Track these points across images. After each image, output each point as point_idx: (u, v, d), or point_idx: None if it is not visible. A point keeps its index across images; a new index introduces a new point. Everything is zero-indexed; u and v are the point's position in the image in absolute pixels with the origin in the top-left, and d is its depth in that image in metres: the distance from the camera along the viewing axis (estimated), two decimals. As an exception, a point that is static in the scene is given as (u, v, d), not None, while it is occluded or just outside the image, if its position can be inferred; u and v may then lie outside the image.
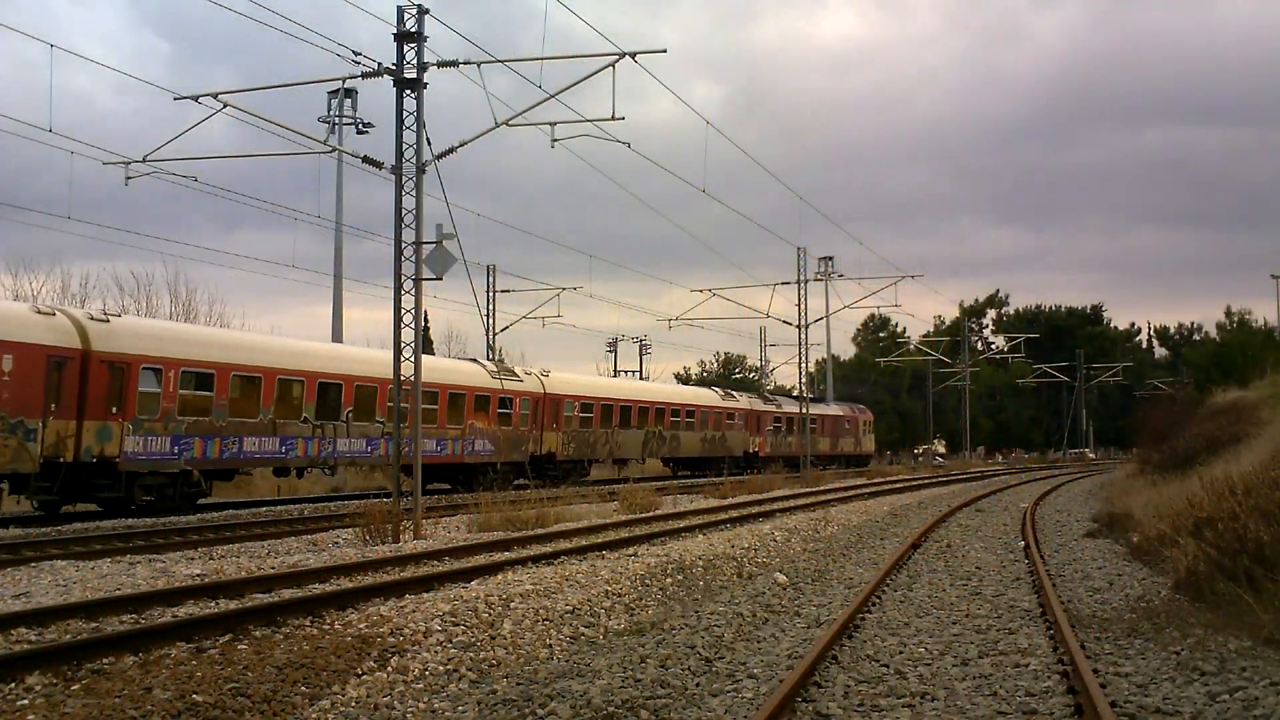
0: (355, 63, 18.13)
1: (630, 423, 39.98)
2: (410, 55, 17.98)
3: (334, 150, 24.52)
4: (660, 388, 47.93)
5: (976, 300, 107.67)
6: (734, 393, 51.51)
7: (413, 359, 18.27)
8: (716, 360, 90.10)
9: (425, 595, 10.55)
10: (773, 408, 53.30)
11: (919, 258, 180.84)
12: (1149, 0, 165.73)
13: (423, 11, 18.00)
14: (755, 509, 23.20)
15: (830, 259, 61.00)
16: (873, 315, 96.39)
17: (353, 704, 7.05)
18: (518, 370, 35.38)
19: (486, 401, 31.94)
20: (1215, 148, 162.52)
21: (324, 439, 25.93)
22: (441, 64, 18.17)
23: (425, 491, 28.07)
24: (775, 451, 51.61)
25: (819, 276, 57.85)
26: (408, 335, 18.38)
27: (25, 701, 6.57)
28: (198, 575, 12.18)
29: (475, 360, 34.58)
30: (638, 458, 41.31)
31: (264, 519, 20.96)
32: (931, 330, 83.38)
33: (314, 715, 6.86)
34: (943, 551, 16.25)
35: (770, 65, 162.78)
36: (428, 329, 51.88)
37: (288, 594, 10.64)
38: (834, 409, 62.19)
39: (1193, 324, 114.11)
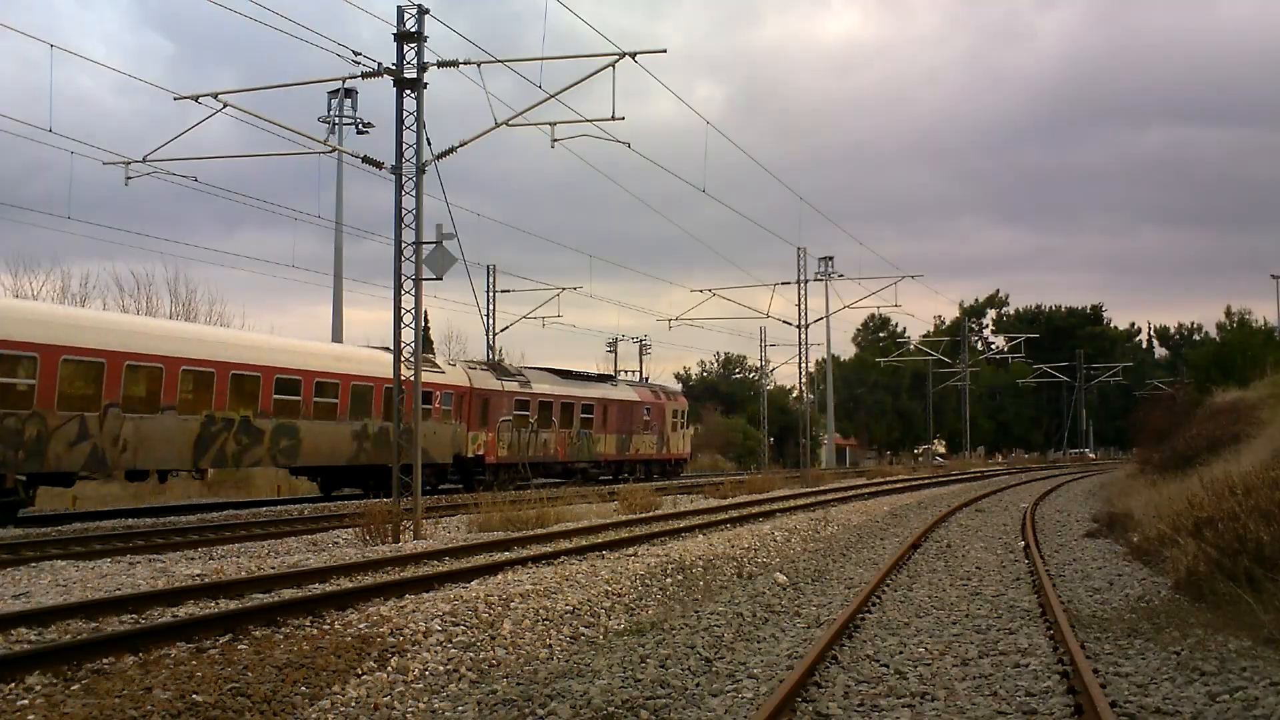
0: (355, 63, 18.17)
1: (164, 399, 22.05)
2: (410, 55, 17.99)
3: (334, 150, 24.58)
4: (257, 339, 27.67)
5: (976, 300, 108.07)
6: (437, 361, 32.29)
7: (405, 353, 18.29)
8: (716, 360, 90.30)
9: (425, 595, 10.54)
10: (514, 386, 34.28)
11: (919, 258, 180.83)
12: (1151, 0, 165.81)
13: (423, 11, 18.01)
14: (755, 509, 23.22)
15: (830, 259, 61.19)
16: (873, 315, 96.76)
17: (353, 704, 7.05)
18: None
19: None
20: (1216, 148, 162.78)
21: None
22: (441, 64, 18.19)
23: None
24: (518, 454, 33.32)
25: (819, 276, 57.98)
26: (408, 335, 18.40)
27: (25, 701, 6.56)
28: (198, 575, 12.19)
29: None
30: (188, 468, 23.51)
31: (264, 519, 20.98)
32: (931, 330, 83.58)
33: (314, 715, 6.86)
34: (943, 551, 16.25)
35: (771, 65, 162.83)
36: (428, 329, 51.94)
37: (288, 594, 10.64)
38: (623, 390, 41.70)
39: (1193, 324, 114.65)
